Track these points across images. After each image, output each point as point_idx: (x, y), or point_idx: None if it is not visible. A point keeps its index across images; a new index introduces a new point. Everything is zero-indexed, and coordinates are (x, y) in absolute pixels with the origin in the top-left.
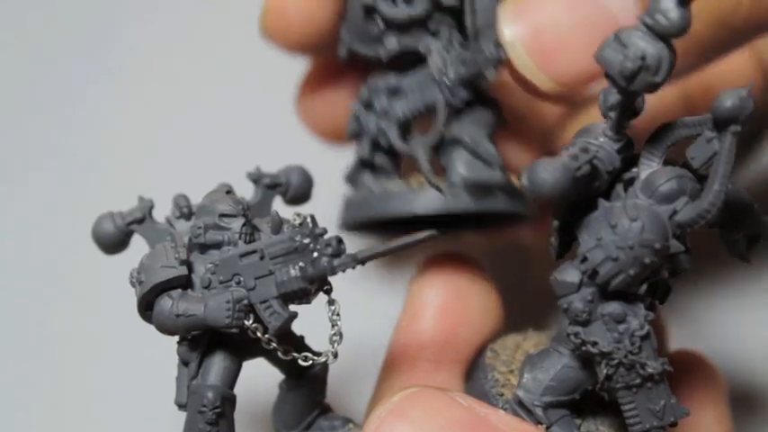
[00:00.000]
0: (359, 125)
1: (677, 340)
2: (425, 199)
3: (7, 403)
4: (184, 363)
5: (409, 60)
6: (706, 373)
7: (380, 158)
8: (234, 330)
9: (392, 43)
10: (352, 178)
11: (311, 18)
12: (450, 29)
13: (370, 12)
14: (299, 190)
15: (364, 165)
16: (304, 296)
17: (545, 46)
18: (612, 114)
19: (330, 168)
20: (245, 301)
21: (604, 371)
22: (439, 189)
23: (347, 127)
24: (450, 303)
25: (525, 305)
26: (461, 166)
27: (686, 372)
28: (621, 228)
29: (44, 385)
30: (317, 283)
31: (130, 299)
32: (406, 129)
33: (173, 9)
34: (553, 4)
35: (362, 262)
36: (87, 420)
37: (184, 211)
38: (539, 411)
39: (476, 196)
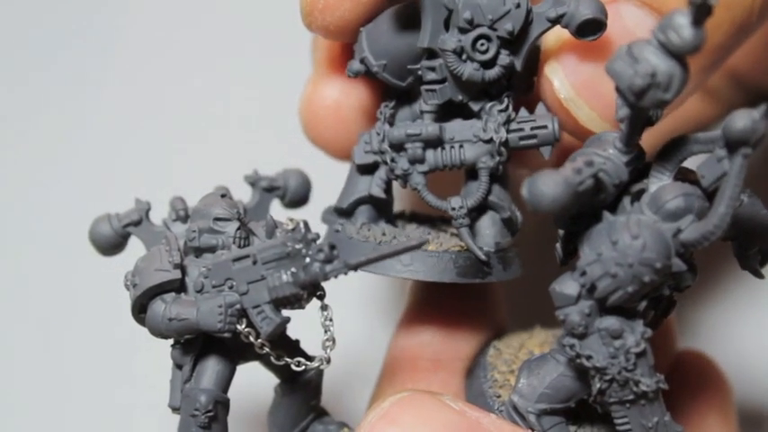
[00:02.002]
0: (374, 160)
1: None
2: (471, 269)
3: (3, 405)
4: (178, 366)
5: (449, 110)
6: (712, 376)
7: (390, 198)
8: (226, 335)
9: (445, 94)
10: (348, 211)
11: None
12: (508, 95)
13: (431, 56)
14: (297, 193)
15: (369, 201)
16: (296, 301)
17: (603, 94)
18: (623, 126)
19: (328, 172)
20: (238, 306)
21: (598, 385)
22: (484, 262)
23: (355, 156)
24: None
25: (534, 301)
26: (493, 232)
27: (693, 373)
28: (622, 244)
29: (37, 387)
30: (309, 289)
31: (125, 301)
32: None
33: (172, 10)
34: (594, 49)
35: (355, 268)
36: (80, 422)
37: (181, 213)
38: (532, 418)
39: (503, 263)
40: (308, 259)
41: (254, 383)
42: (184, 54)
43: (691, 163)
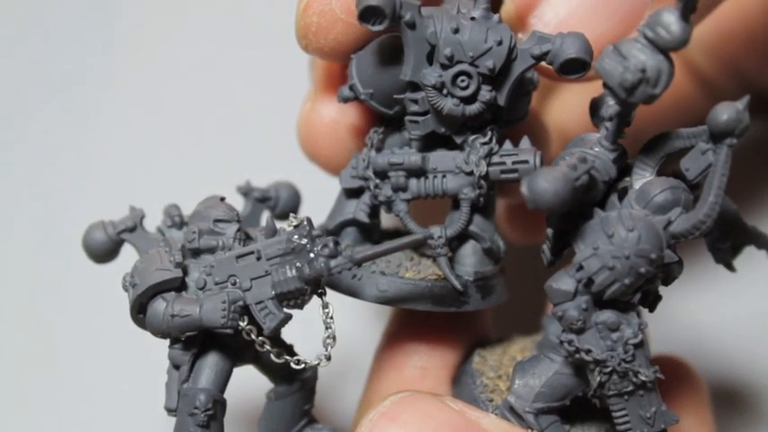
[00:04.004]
0: (360, 185)
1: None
2: (447, 298)
3: (2, 407)
4: (176, 366)
5: (435, 139)
6: (687, 378)
7: (375, 222)
8: (228, 331)
9: (427, 126)
10: (334, 232)
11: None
12: (492, 128)
13: (413, 89)
14: (288, 205)
15: (354, 224)
16: (300, 296)
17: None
18: (609, 125)
19: (319, 183)
20: (241, 303)
21: (597, 378)
22: (460, 291)
23: (342, 179)
24: None
25: (509, 309)
26: (473, 260)
27: (666, 376)
28: (618, 237)
29: (30, 394)
30: (312, 285)
31: (117, 309)
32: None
33: (168, 20)
34: None
35: (359, 263)
36: (80, 424)
37: (176, 220)
38: (530, 417)
39: (482, 292)
40: (312, 254)
41: (245, 387)
42: (180, 64)
43: None
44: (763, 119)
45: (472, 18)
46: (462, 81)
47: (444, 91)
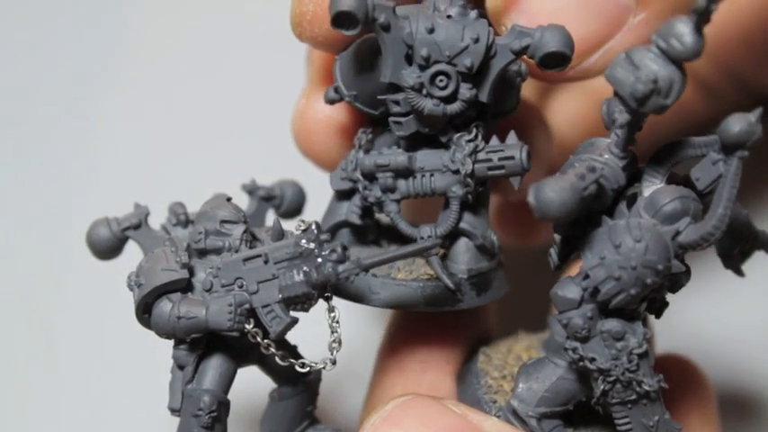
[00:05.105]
0: (350, 186)
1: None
2: (440, 297)
3: (2, 406)
4: (180, 367)
5: (422, 138)
6: (693, 377)
7: (368, 223)
8: (234, 334)
9: (411, 127)
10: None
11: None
12: (477, 125)
13: (394, 90)
14: (293, 204)
15: (347, 226)
16: (306, 301)
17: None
18: (620, 132)
19: (322, 184)
20: (247, 306)
21: (601, 387)
22: (453, 290)
23: (332, 182)
24: None
25: (515, 306)
26: (466, 258)
27: (673, 376)
28: (625, 248)
29: (31, 393)
30: (319, 289)
31: (121, 307)
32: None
33: (172, 20)
34: None
35: (367, 269)
36: (80, 424)
37: (181, 218)
38: (533, 422)
39: (478, 289)
40: (320, 259)
41: (249, 387)
42: (184, 62)
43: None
44: (762, 120)
45: (448, 16)
46: (441, 81)
47: (424, 91)
